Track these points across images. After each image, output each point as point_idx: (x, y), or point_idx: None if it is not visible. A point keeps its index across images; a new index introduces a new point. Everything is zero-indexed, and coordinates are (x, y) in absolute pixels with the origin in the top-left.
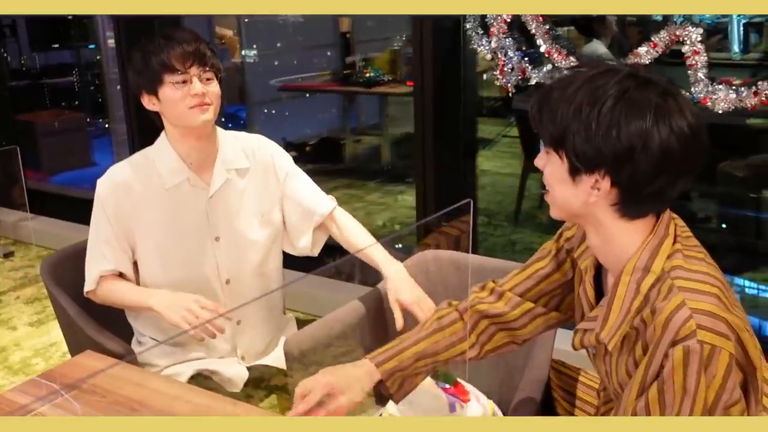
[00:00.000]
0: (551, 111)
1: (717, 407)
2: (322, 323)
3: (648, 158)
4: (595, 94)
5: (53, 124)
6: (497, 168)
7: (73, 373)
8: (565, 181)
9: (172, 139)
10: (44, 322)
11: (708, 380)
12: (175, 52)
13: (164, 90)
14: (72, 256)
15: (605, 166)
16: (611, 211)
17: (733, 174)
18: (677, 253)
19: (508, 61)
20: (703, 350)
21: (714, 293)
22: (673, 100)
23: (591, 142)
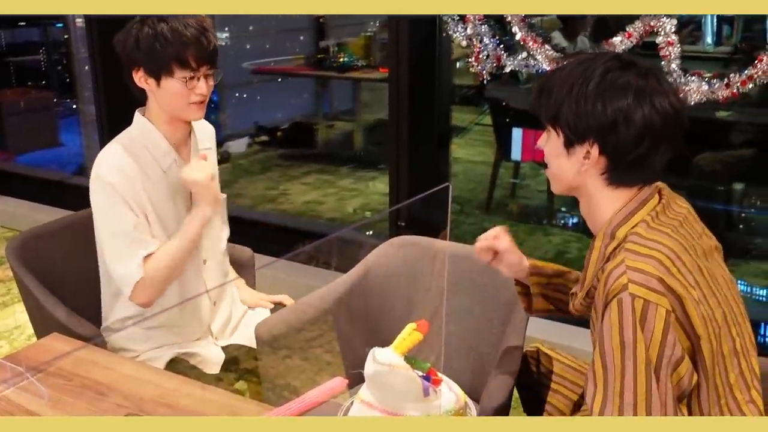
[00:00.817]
0: (548, 92)
1: (662, 365)
2: (293, 308)
3: (630, 130)
4: (585, 74)
5: (19, 103)
6: (469, 156)
7: (39, 355)
8: (561, 154)
9: (157, 120)
10: (8, 304)
11: (647, 338)
12: (191, 48)
13: (170, 82)
14: (37, 237)
15: (593, 136)
16: (600, 180)
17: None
18: (642, 223)
19: (483, 48)
20: (635, 303)
21: (656, 257)
22: (655, 81)
23: (580, 115)
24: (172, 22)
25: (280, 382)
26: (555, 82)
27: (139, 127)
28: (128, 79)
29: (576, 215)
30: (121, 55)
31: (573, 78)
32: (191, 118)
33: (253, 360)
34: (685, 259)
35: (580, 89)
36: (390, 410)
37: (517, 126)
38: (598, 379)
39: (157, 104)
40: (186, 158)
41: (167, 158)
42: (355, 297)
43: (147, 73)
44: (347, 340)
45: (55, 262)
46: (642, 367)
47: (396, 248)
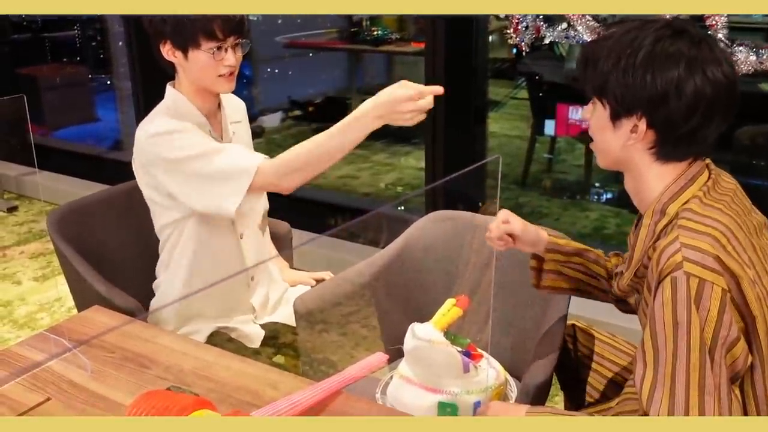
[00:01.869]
0: (594, 63)
1: (717, 346)
2: (330, 283)
3: (682, 103)
4: (633, 44)
5: (55, 79)
6: (505, 130)
7: (81, 328)
8: (607, 127)
9: (188, 92)
10: (49, 277)
11: (702, 318)
12: (218, 19)
13: (197, 54)
14: (78, 211)
15: (641, 109)
16: (648, 155)
17: (744, 141)
18: (695, 199)
19: (522, 20)
20: (690, 282)
21: (712, 234)
22: (708, 49)
23: (629, 87)
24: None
25: (318, 356)
26: (602, 52)
27: (172, 100)
28: (157, 53)
29: (613, 190)
30: (148, 29)
31: (621, 47)
32: (221, 90)
33: (292, 335)
34: (740, 237)
35: (628, 60)
36: (429, 386)
37: (553, 100)
38: (648, 360)
39: (186, 77)
40: (216, 129)
41: (203, 129)
42: (394, 272)
43: (174, 45)
44: (385, 315)
45: (95, 235)
46: (696, 349)
47: (434, 223)
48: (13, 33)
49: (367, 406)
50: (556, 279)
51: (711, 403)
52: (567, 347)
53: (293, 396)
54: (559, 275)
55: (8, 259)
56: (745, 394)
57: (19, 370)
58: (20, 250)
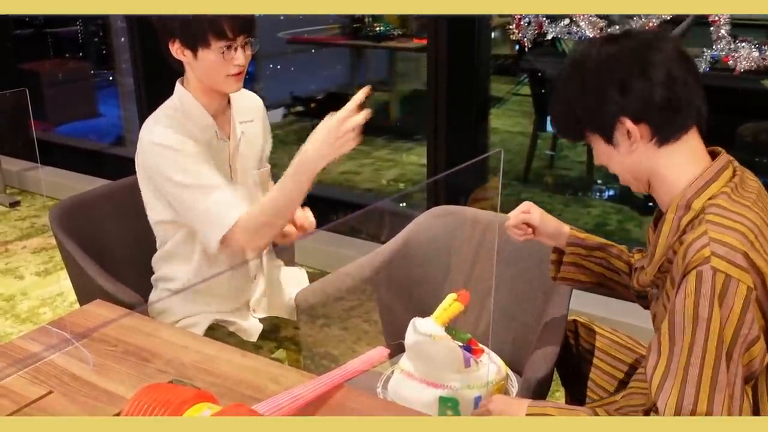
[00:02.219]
0: (560, 113)
1: (736, 344)
2: (332, 278)
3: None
4: (579, 71)
5: (57, 74)
6: (507, 126)
7: (84, 321)
8: (611, 152)
9: (195, 91)
10: (51, 272)
11: (723, 315)
12: (228, 17)
13: (206, 53)
14: (80, 205)
15: (618, 113)
16: (654, 148)
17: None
18: (722, 195)
19: (524, 15)
20: (716, 277)
21: (740, 230)
22: (644, 35)
23: (596, 106)
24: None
25: (319, 350)
26: (558, 103)
27: (180, 98)
28: (165, 51)
29: (615, 187)
30: (156, 27)
31: (567, 85)
32: (229, 90)
33: (293, 329)
34: (767, 234)
35: (582, 85)
36: (430, 380)
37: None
38: (663, 350)
39: (194, 76)
40: (224, 129)
41: (209, 130)
42: (395, 267)
43: (183, 44)
44: (387, 310)
45: (96, 230)
46: (713, 345)
47: (435, 218)
48: (16, 28)
49: (368, 401)
50: (575, 272)
51: (721, 400)
52: (568, 343)
53: (294, 390)
54: (580, 268)
55: (11, 254)
56: (759, 394)
57: (21, 364)
58: (23, 245)
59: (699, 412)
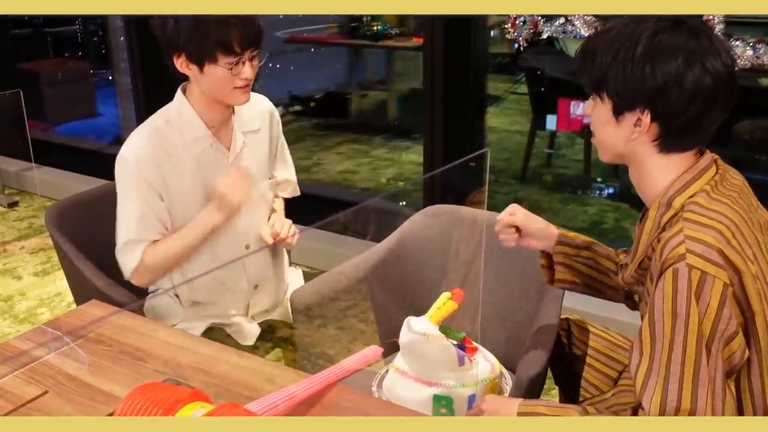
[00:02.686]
0: (593, 57)
1: (714, 339)
2: (327, 277)
3: (682, 94)
4: (631, 38)
5: (56, 74)
6: (504, 125)
7: (80, 322)
8: (610, 122)
9: (197, 103)
10: (49, 272)
11: (701, 310)
12: (235, 32)
13: (214, 68)
14: (76, 205)
15: (643, 102)
16: (651, 147)
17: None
18: (702, 193)
19: (520, 14)
20: (692, 274)
21: (717, 228)
22: (707, 40)
23: (629, 81)
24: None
25: (316, 350)
26: (600, 46)
27: (178, 108)
28: (169, 64)
29: (612, 185)
30: (160, 40)
31: (620, 41)
32: (236, 103)
33: (289, 329)
34: (745, 232)
35: (627, 53)
36: (424, 379)
37: (552, 95)
38: (645, 348)
39: (199, 88)
40: (224, 140)
41: (201, 143)
42: (390, 266)
43: (189, 59)
44: (382, 309)
45: (93, 230)
46: (693, 340)
47: (430, 217)
48: (15, 28)
49: (362, 399)
50: (567, 272)
51: (704, 396)
52: (561, 341)
53: (288, 388)
54: (569, 269)
55: (9, 255)
56: (741, 389)
57: (16, 363)
58: (21, 246)
59: (683, 409)
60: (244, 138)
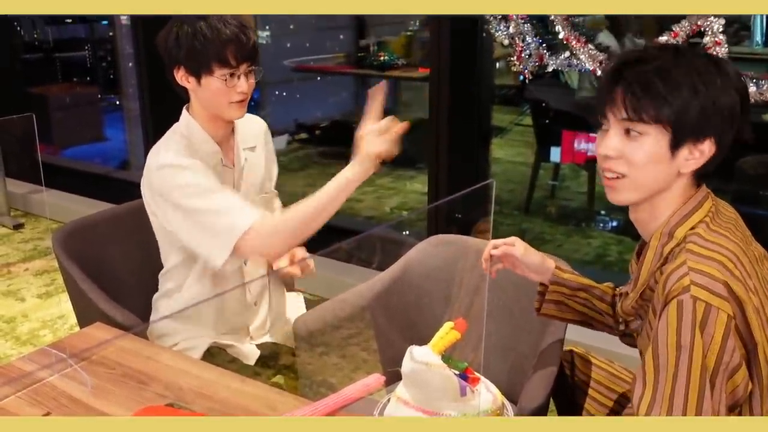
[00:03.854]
0: (667, 91)
1: (719, 372)
2: (330, 304)
3: (738, 119)
4: (699, 69)
5: (65, 98)
6: (509, 156)
7: (83, 344)
8: (662, 157)
9: (200, 118)
10: (52, 294)
11: (706, 342)
12: (231, 46)
13: (210, 80)
14: (83, 228)
15: (714, 131)
16: (686, 179)
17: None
18: (701, 224)
19: (525, 47)
20: (697, 306)
21: (719, 260)
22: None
23: (705, 111)
24: (212, 20)
25: (317, 378)
26: (677, 76)
27: (186, 125)
28: (170, 78)
29: (616, 218)
30: (162, 54)
31: (695, 73)
32: (232, 117)
33: (291, 356)
34: (745, 264)
35: (706, 86)
36: (426, 409)
37: (557, 127)
38: (648, 379)
39: (199, 103)
40: (228, 156)
41: (214, 157)
42: (393, 294)
43: (188, 71)
44: (385, 338)
45: (99, 254)
46: (697, 373)
47: (434, 246)
48: (25, 53)
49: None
50: (556, 310)
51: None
52: (564, 373)
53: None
54: (562, 306)
55: (13, 276)
56: None
57: (19, 385)
58: (25, 267)
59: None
60: (245, 154)
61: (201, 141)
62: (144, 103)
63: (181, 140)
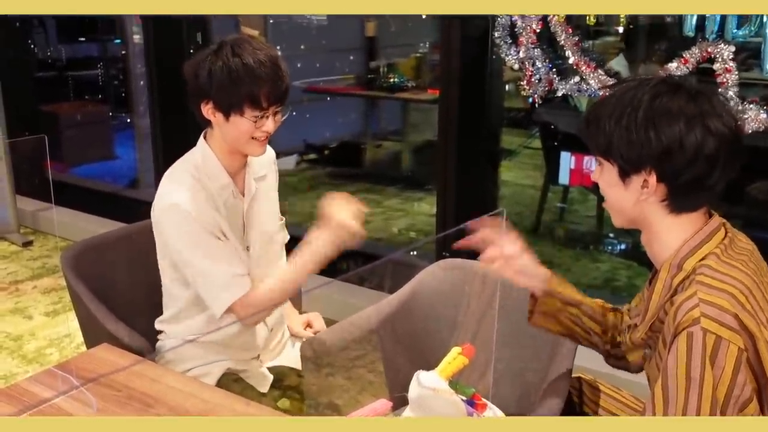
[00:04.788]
0: (597, 123)
1: (729, 405)
2: (338, 327)
3: (686, 155)
4: (632, 102)
5: (76, 116)
6: (518, 179)
7: (90, 365)
8: (617, 185)
9: (218, 150)
10: (60, 312)
11: (716, 375)
12: (265, 88)
13: (239, 120)
14: (92, 248)
15: (649, 164)
16: (661, 208)
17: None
18: (712, 256)
19: (535, 72)
20: (707, 338)
21: (730, 292)
22: (706, 102)
23: (633, 145)
24: (246, 57)
25: (323, 400)
26: (603, 112)
27: (202, 155)
28: (194, 108)
29: (625, 242)
30: (191, 85)
31: (621, 107)
32: (252, 153)
33: (297, 377)
34: (758, 296)
35: (629, 118)
36: None
37: (566, 150)
38: (658, 412)
39: (221, 135)
40: (239, 186)
41: (226, 191)
42: (401, 318)
43: (216, 107)
44: (392, 362)
45: (108, 273)
46: (707, 405)
47: (443, 271)
48: (38, 70)
49: None
50: (546, 320)
51: None
52: (572, 400)
53: None
54: (551, 318)
55: (21, 294)
56: None
57: (25, 406)
58: (33, 285)
59: None
60: (256, 184)
61: (214, 174)
62: (155, 121)
63: (194, 174)
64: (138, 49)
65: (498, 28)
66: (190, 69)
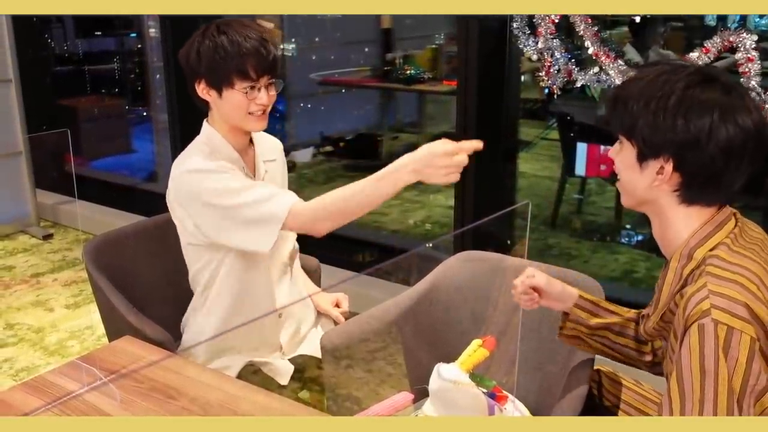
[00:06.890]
0: (624, 103)
1: (745, 395)
2: (358, 320)
3: (711, 149)
4: (664, 87)
5: (94, 110)
6: (535, 170)
7: (112, 357)
8: (633, 166)
9: (220, 129)
10: (80, 305)
11: (730, 366)
12: (252, 59)
13: (231, 93)
14: (113, 241)
15: (669, 151)
16: (673, 197)
17: None
18: (722, 245)
19: (554, 63)
20: (719, 329)
21: (740, 282)
22: (738, 98)
23: (658, 130)
24: (232, 34)
25: (342, 392)
26: (632, 93)
27: (208, 136)
28: (191, 91)
29: (644, 233)
30: (184, 68)
31: (652, 91)
32: (251, 128)
33: (317, 368)
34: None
35: (659, 103)
36: None
37: (583, 141)
38: (674, 407)
39: (219, 114)
40: (249, 166)
41: (237, 164)
42: (421, 311)
43: (209, 84)
44: (411, 354)
45: (129, 266)
46: (723, 398)
47: (462, 263)
48: (56, 65)
49: None
50: (574, 342)
51: None
52: (592, 393)
53: None
54: (579, 340)
55: (42, 286)
56: None
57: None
58: (54, 278)
59: None
60: (265, 166)
61: (223, 150)
62: (172, 115)
63: (205, 149)
64: (154, 42)
65: (516, 19)
66: (182, 53)
